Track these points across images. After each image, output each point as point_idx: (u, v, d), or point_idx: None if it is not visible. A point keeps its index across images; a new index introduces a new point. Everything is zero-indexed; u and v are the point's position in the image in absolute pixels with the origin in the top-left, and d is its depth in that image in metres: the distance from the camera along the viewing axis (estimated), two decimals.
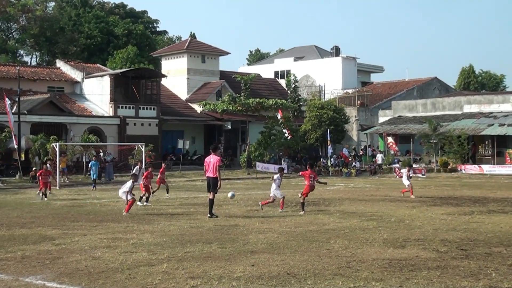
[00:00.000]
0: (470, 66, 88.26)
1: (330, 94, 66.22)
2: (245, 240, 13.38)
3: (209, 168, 17.86)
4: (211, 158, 17.91)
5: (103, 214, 19.41)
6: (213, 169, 17.74)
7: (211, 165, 17.80)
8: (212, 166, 17.76)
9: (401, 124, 53.36)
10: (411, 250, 12.01)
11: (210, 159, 17.92)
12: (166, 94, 55.18)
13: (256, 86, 59.21)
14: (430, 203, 22.63)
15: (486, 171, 43.67)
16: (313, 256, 11.37)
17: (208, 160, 17.96)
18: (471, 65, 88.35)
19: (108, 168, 39.07)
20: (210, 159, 17.93)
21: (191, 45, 61.10)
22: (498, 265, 10.45)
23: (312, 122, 52.94)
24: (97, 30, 77.02)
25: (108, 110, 48.05)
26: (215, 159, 17.83)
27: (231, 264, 10.62)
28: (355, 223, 16.32)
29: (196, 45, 61.84)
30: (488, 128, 46.52)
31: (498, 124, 46.80)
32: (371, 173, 46.87)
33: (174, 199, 25.20)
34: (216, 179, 17.72)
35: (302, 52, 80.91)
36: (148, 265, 10.63)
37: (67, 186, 34.81)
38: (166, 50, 64.67)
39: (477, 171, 44.32)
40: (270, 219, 17.60)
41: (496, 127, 46.31)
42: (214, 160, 17.83)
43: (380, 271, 10.01)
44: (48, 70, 53.64)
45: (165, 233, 14.62)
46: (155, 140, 46.58)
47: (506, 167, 43.67)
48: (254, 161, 47.15)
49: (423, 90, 66.96)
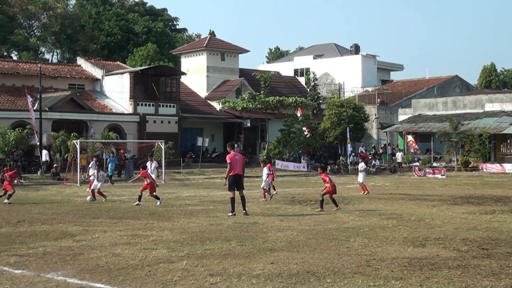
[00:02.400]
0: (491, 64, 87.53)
1: (349, 92, 65.99)
2: (264, 237, 13.37)
3: (237, 165, 17.64)
4: (236, 156, 17.79)
5: (123, 211, 19.52)
6: (242, 166, 17.71)
7: (239, 163, 17.68)
8: (241, 164, 17.70)
9: (421, 123, 53.03)
10: (432, 249, 11.92)
11: (236, 156, 17.76)
12: (185, 91, 55.32)
13: (276, 84, 59.17)
14: (450, 202, 22.46)
15: (508, 170, 43.24)
16: (332, 254, 11.33)
17: (235, 157, 17.66)
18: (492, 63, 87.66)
19: (128, 165, 39.27)
20: (236, 156, 17.74)
21: (211, 42, 61.18)
22: None
23: (331, 120, 52.80)
24: (117, 27, 77.44)
25: (128, 108, 48.31)
26: (241, 157, 17.86)
27: (251, 262, 10.60)
28: (374, 222, 16.25)
29: (215, 43, 61.91)
30: (510, 127, 46.05)
31: None
32: (391, 171, 46.67)
33: (194, 197, 25.26)
34: (243, 177, 17.85)
35: (321, 50, 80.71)
36: (168, 262, 10.66)
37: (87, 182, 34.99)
38: (185, 47, 64.84)
39: (499, 170, 43.91)
40: (290, 217, 17.58)
41: None
42: (241, 158, 17.85)
43: (400, 270, 9.96)
44: (69, 68, 54.03)
45: (184, 230, 14.65)
46: (174, 137, 46.73)
47: None
48: (273, 159, 47.11)
49: (444, 89, 66.47)
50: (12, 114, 42.17)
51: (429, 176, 41.96)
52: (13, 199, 22.54)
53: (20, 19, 77.86)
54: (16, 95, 45.90)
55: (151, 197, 21.77)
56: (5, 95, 45.79)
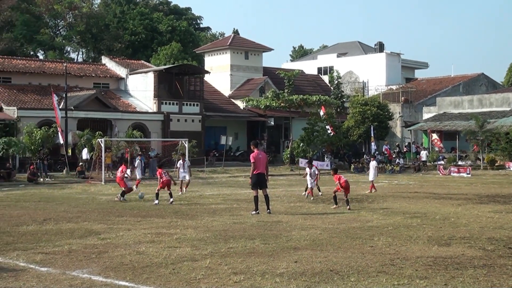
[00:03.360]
0: None
1: (373, 90, 65.63)
2: (288, 236, 13.37)
3: (260, 164, 17.71)
4: (260, 154, 17.82)
5: (147, 209, 19.64)
6: (265, 165, 17.74)
7: (263, 161, 17.74)
8: (264, 163, 17.76)
9: (446, 121, 52.54)
10: (457, 248, 11.83)
11: (259, 155, 17.80)
12: (209, 90, 55.44)
13: (299, 83, 59.08)
14: (476, 200, 22.25)
15: None
16: (356, 253, 11.30)
17: (258, 155, 17.73)
18: None
19: (152, 163, 39.48)
20: (259, 154, 17.79)
21: (234, 41, 61.26)
22: None
23: (355, 119, 52.56)
24: (141, 26, 77.89)
25: (152, 106, 48.56)
26: (264, 156, 17.88)
27: (274, 260, 10.61)
28: (398, 220, 16.16)
29: (239, 41, 61.97)
30: None
31: None
32: (415, 170, 46.33)
33: (217, 195, 25.32)
34: (266, 176, 17.86)
35: (345, 48, 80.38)
36: (192, 260, 10.71)
37: (112, 181, 35.29)
38: (209, 46, 65.00)
39: None
40: (313, 215, 17.56)
41: None
42: (264, 157, 17.88)
43: (424, 269, 9.90)
44: (94, 67, 54.47)
45: (208, 229, 14.70)
46: (198, 136, 46.89)
47: None
48: (297, 158, 47.05)
49: (469, 87, 65.79)
50: (38, 113, 42.59)
51: (454, 174, 41.57)
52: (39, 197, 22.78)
53: (46, 18, 78.67)
54: (42, 94, 46.39)
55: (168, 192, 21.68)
56: (31, 94, 46.30)
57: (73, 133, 41.03)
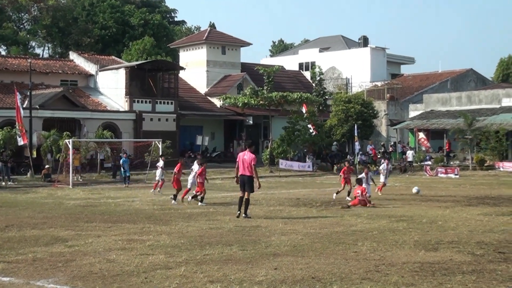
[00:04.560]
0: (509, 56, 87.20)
1: (357, 87, 65.90)
2: (267, 242, 13.38)
3: (243, 165, 17.91)
4: (245, 155, 17.99)
5: (118, 214, 19.54)
6: (248, 167, 17.82)
7: (245, 163, 17.87)
8: (247, 164, 17.85)
9: (433, 119, 52.95)
10: (444, 253, 11.92)
11: (245, 156, 17.99)
12: (184, 87, 55.32)
13: (280, 79, 59.18)
14: (464, 203, 22.45)
15: None
16: (339, 259, 11.34)
17: (242, 157, 18.00)
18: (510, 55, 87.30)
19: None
20: (244, 156, 18.00)
21: (211, 35, 61.19)
22: None
23: (338, 117, 52.78)
24: (112, 20, 77.51)
25: (123, 105, 48.34)
26: (250, 157, 17.93)
27: (253, 268, 10.62)
28: (384, 224, 16.24)
29: (216, 36, 61.91)
30: None
31: None
32: (401, 170, 46.65)
33: None
34: (251, 178, 17.85)
35: (328, 42, 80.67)
36: (165, 268, 10.68)
37: (80, 184, 35.12)
38: (184, 41, 64.87)
39: None
40: (294, 220, 17.59)
41: None
42: (249, 158, 17.92)
43: (410, 275, 9.95)
44: (61, 63, 54.09)
45: (183, 235, 14.67)
46: (172, 136, 46.75)
47: None
48: (277, 158, 47.13)
49: (458, 83, 66.36)
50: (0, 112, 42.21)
51: (442, 175, 41.92)
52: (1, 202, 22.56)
53: (9, 11, 77.94)
54: (4, 92, 45.98)
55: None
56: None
57: (38, 133, 40.67)
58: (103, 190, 31.14)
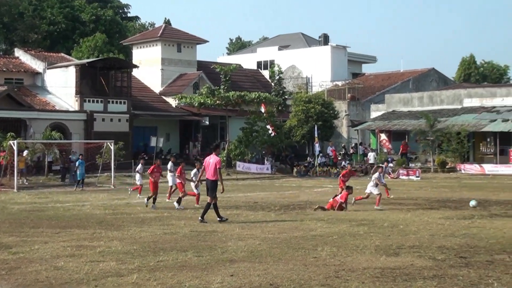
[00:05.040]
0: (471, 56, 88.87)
1: (318, 86, 66.28)
2: (223, 247, 13.38)
3: (208, 169, 18.04)
4: (211, 159, 18.11)
5: (67, 219, 19.30)
6: (212, 171, 17.84)
7: (210, 166, 17.94)
8: (211, 168, 17.90)
9: (395, 120, 53.58)
10: (406, 258, 12.06)
11: (210, 159, 18.10)
12: (137, 86, 54.95)
13: (237, 78, 59.20)
14: (426, 206, 22.76)
15: (488, 171, 43.96)
16: (298, 265, 11.38)
17: (208, 160, 18.13)
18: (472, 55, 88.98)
19: (73, 168, 38.85)
20: (210, 159, 18.12)
21: (166, 32, 60.91)
22: (500, 274, 10.52)
23: (298, 118, 53.00)
24: (61, 15, 76.55)
25: (73, 104, 47.75)
26: (215, 160, 17.93)
27: (208, 274, 10.60)
28: (344, 229, 16.36)
29: (171, 33, 61.66)
30: (490, 124, 46.83)
31: (501, 119, 47.12)
32: (362, 173, 47.05)
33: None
34: (214, 182, 17.90)
35: (287, 40, 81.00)
36: (117, 275, 10.59)
37: (26, 188, 34.59)
38: (138, 37, 64.45)
39: (478, 171, 44.60)
40: (252, 224, 17.61)
41: (499, 123, 46.62)
42: (214, 161, 17.93)
43: (371, 281, 10.03)
44: (5, 60, 53.18)
45: (135, 240, 14.58)
46: (125, 137, 46.35)
47: (509, 167, 43.98)
48: (234, 161, 47.12)
49: (420, 83, 67.30)
50: None
51: (403, 178, 42.43)
52: None
53: None
54: None
55: None
56: None
57: None
58: (51, 194, 30.72)
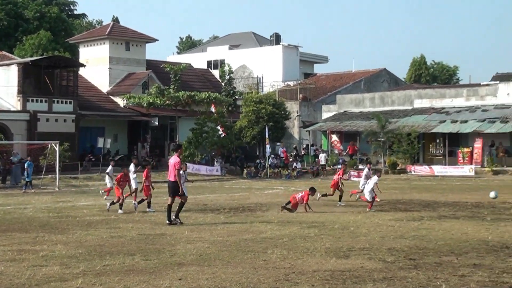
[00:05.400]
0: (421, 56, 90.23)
1: (269, 86, 66.54)
2: (172, 251, 13.33)
3: (169, 170, 18.29)
4: (171, 159, 18.35)
5: (8, 222, 18.99)
6: (171, 172, 17.98)
7: (170, 167, 18.18)
8: (171, 169, 18.09)
9: (346, 121, 54.10)
10: (356, 260, 12.18)
11: (171, 160, 18.35)
12: (84, 85, 54.33)
13: (187, 78, 59.00)
14: (376, 208, 23.00)
15: (437, 173, 44.69)
16: (247, 268, 11.40)
17: (170, 161, 18.38)
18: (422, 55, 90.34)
19: (14, 170, 38.20)
20: (171, 160, 18.38)
21: (114, 30, 60.33)
22: (448, 276, 10.70)
23: (248, 118, 53.09)
24: (3, 12, 75.13)
25: (15, 104, 46.94)
26: (175, 161, 18.09)
27: (156, 278, 10.55)
28: (295, 231, 16.44)
29: (119, 31, 61.11)
30: (439, 125, 47.65)
31: (450, 120, 48.01)
32: (313, 174, 47.39)
33: (93, 206, 24.83)
34: (174, 183, 17.96)
35: (238, 39, 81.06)
36: (61, 280, 10.46)
37: None
38: (84, 36, 63.71)
39: (428, 173, 45.29)
40: (201, 227, 17.58)
41: (448, 124, 47.49)
42: (174, 162, 18.08)
43: (321, 284, 10.11)
44: None
45: (81, 244, 14.42)
46: (71, 138, 45.80)
47: (458, 168, 44.78)
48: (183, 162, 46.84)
49: (371, 83, 68.09)
50: None
51: (354, 179, 42.83)
52: None
53: None
54: None
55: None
56: None
57: None
58: (23, 195, 30.24)
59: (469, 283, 10.14)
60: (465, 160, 45.69)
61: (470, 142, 47.06)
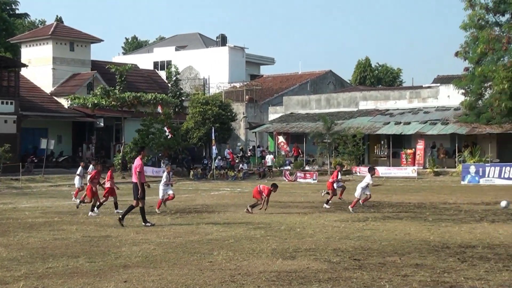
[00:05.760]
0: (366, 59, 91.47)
1: (215, 88, 66.52)
2: (117, 253, 13.24)
3: (132, 172, 18.24)
4: (135, 162, 18.24)
5: None
6: (133, 174, 18.05)
7: (133, 169, 18.18)
8: (133, 171, 18.10)
9: (293, 122, 54.40)
10: (302, 261, 12.27)
11: (135, 163, 18.23)
12: (26, 86, 53.43)
13: (133, 78, 58.53)
14: (322, 209, 23.21)
15: (382, 174, 45.20)
16: (193, 269, 11.40)
17: (135, 163, 18.17)
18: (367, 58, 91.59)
19: None
20: (136, 162, 18.21)
21: (57, 30, 59.45)
22: (392, 276, 10.87)
23: (195, 120, 52.98)
24: None
25: None
26: (136, 163, 18.07)
27: (101, 281, 10.48)
28: (241, 232, 16.48)
29: (63, 31, 60.23)
30: (384, 127, 48.28)
31: (394, 122, 48.70)
32: (260, 176, 47.52)
33: (35, 208, 24.43)
34: (135, 185, 17.94)
35: (184, 40, 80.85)
36: (1, 283, 10.31)
37: None
38: (27, 35, 62.62)
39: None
40: (147, 229, 17.48)
41: (392, 126, 48.16)
42: (135, 164, 18.06)
43: (267, 285, 10.16)
44: None
45: (23, 246, 14.22)
46: (12, 139, 44.97)
47: (401, 169, 45.43)
48: (129, 164, 46.49)
49: (317, 85, 68.67)
50: None
51: (301, 180, 43.15)
52: None
53: None
54: None
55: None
56: None
57: None
58: None
59: (411, 283, 10.32)
60: (408, 162, 46.36)
61: (413, 143, 47.83)
